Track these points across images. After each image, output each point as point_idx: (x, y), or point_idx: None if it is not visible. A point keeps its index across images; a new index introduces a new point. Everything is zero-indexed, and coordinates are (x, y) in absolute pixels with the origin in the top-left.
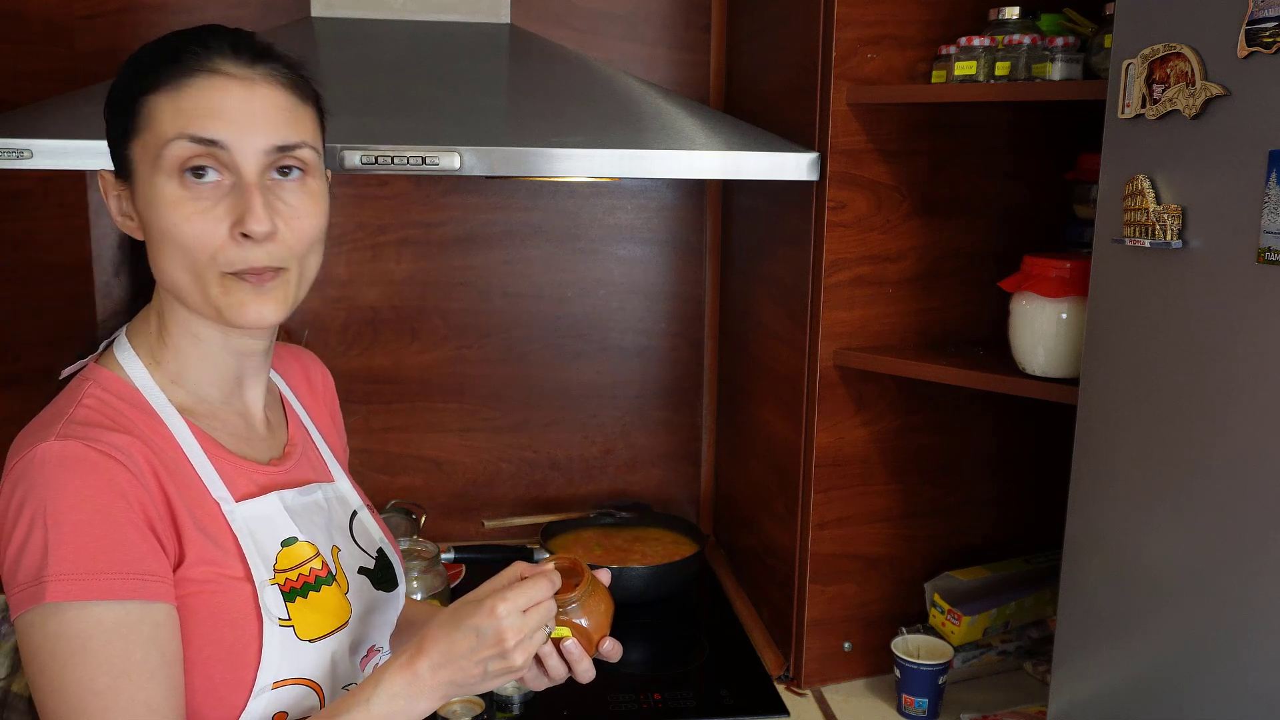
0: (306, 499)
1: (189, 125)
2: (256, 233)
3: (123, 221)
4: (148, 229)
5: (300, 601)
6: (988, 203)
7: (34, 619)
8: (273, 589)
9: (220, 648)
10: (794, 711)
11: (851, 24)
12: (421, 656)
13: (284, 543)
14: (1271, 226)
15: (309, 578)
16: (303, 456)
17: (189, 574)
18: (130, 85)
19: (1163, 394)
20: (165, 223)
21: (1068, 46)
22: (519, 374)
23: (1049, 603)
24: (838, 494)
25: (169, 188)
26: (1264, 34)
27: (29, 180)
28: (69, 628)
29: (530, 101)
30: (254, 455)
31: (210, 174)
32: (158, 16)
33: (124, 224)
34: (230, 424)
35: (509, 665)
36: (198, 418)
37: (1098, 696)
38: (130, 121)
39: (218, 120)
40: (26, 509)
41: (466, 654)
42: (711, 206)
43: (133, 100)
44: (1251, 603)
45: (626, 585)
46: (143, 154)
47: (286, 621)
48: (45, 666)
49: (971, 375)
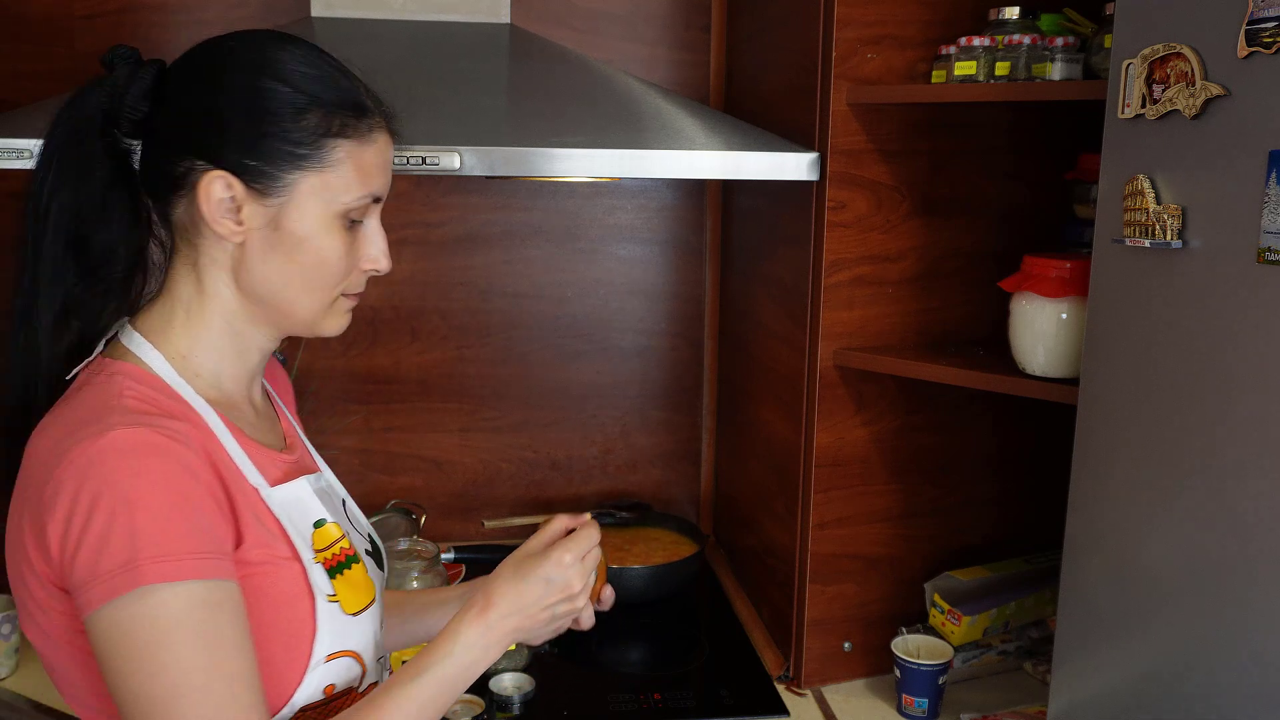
0: (319, 485)
1: (371, 184)
2: (385, 270)
3: (227, 226)
4: (280, 247)
5: (339, 578)
6: (988, 203)
7: (126, 605)
8: (318, 567)
9: (277, 626)
10: (794, 711)
11: (851, 24)
12: (491, 608)
13: (315, 524)
14: (1271, 226)
15: (340, 557)
16: (300, 446)
17: (246, 556)
18: (319, 122)
19: (1163, 394)
20: (320, 255)
21: (1068, 46)
22: (519, 374)
23: (1049, 603)
24: (838, 494)
25: (335, 227)
26: (1264, 34)
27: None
28: (165, 609)
29: (530, 101)
30: (270, 444)
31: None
32: (158, 16)
33: (228, 228)
34: (247, 415)
35: (574, 608)
36: (221, 408)
37: (1098, 696)
38: (309, 154)
39: (385, 177)
40: (104, 499)
41: (536, 602)
42: (711, 206)
43: (319, 138)
44: (1251, 602)
45: (626, 585)
46: (312, 189)
47: (334, 597)
48: (140, 651)
49: (971, 375)
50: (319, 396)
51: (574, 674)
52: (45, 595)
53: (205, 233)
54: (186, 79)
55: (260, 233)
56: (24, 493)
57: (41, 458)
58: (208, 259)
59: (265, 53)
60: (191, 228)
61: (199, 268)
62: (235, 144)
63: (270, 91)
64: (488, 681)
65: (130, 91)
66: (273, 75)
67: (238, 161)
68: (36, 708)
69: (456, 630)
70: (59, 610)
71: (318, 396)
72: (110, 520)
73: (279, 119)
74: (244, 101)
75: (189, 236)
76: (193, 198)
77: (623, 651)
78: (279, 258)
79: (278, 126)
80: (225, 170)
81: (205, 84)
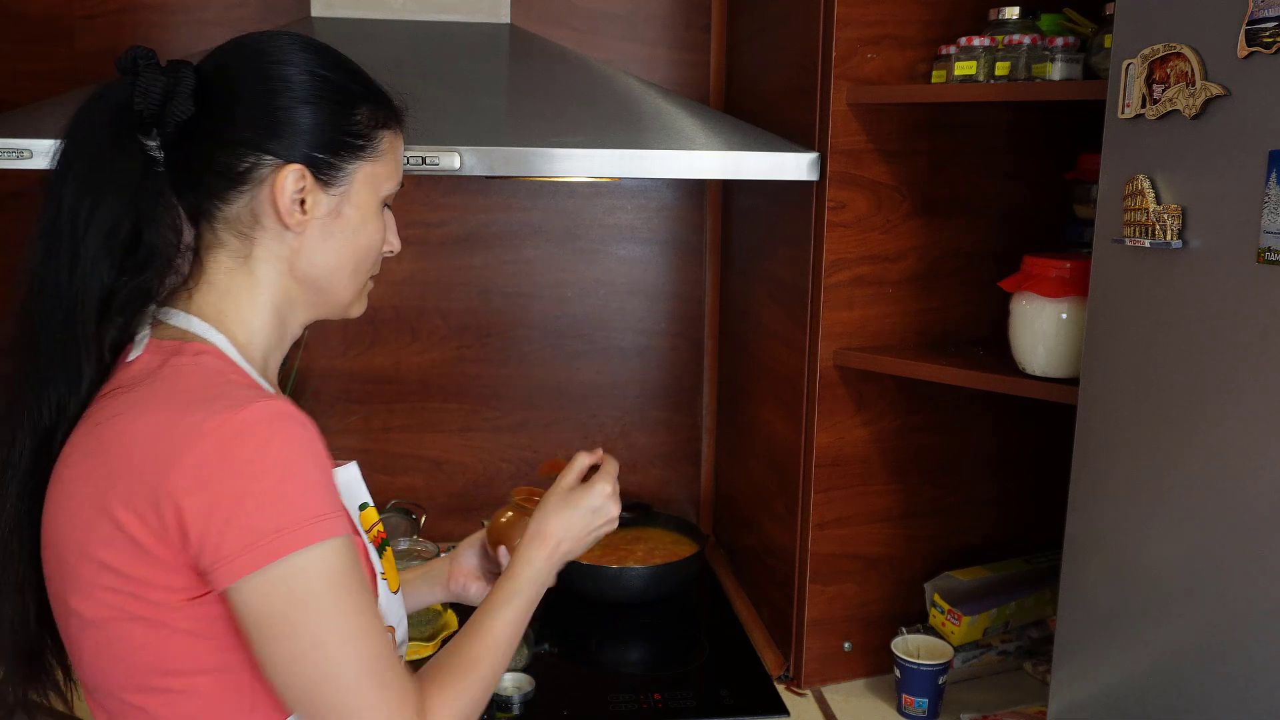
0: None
1: (402, 172)
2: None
3: (296, 216)
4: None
5: (382, 558)
6: (988, 203)
7: (301, 561)
8: (370, 545)
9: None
10: (794, 711)
11: (851, 24)
12: (550, 538)
13: (360, 506)
14: (1271, 226)
15: (379, 539)
16: None
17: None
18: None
19: (1163, 394)
20: (369, 239)
21: (1068, 46)
22: (519, 374)
23: (1049, 603)
24: (838, 494)
25: (378, 213)
26: (1264, 34)
27: (29, 180)
28: (326, 564)
29: (530, 101)
30: None
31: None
32: (158, 16)
33: (296, 219)
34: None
35: (612, 528)
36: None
37: (1098, 696)
38: (365, 145)
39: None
40: (258, 466)
41: (584, 528)
42: (711, 206)
43: (372, 129)
44: (1251, 602)
45: (626, 585)
46: (366, 178)
47: (383, 575)
48: (318, 603)
49: (971, 375)
50: (319, 396)
51: (574, 674)
52: (143, 571)
53: (267, 224)
54: (239, 79)
55: (320, 221)
56: (120, 471)
57: (150, 437)
58: (263, 249)
59: (312, 50)
60: (249, 220)
61: (252, 259)
62: (306, 138)
63: (331, 85)
64: None
65: (177, 93)
66: (329, 69)
67: (308, 155)
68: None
69: (529, 559)
70: (159, 585)
71: (318, 396)
72: (267, 486)
73: (341, 112)
74: (309, 97)
75: (242, 229)
76: (257, 192)
77: (623, 651)
78: (334, 244)
79: (341, 120)
80: (298, 164)
81: (264, 82)
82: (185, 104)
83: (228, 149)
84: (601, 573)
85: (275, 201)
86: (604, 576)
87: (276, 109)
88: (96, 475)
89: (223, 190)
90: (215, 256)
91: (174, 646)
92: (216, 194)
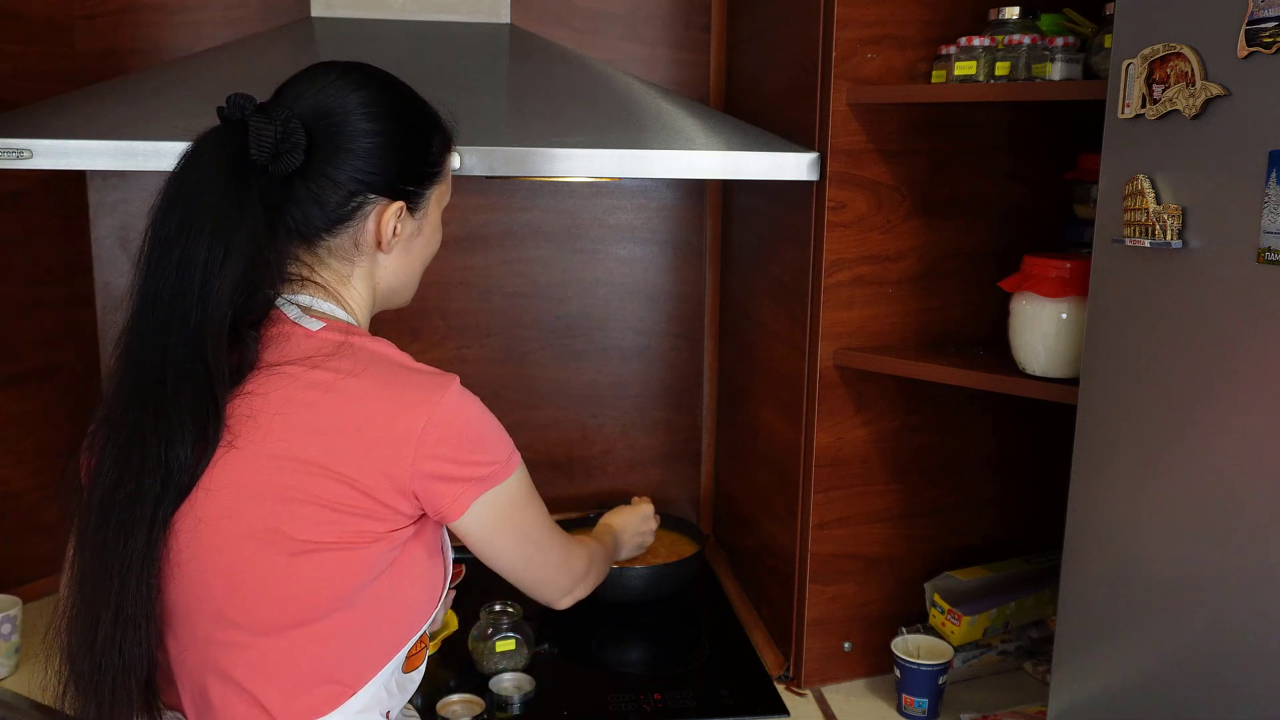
0: None
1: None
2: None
3: (390, 240)
4: (415, 247)
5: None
6: (988, 203)
7: (513, 482)
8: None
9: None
10: (794, 711)
11: (851, 24)
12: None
13: None
14: (1271, 226)
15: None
16: None
17: None
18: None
19: (1162, 394)
20: (435, 246)
21: (1068, 46)
22: (519, 374)
23: (1049, 603)
24: (838, 494)
25: (439, 223)
26: (1264, 34)
27: (29, 180)
28: (528, 479)
29: (530, 101)
30: None
31: None
32: (158, 16)
33: (391, 243)
34: None
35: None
36: None
37: (1098, 696)
38: (437, 171)
39: None
40: (475, 419)
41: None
42: (711, 206)
43: (440, 154)
44: (1251, 601)
45: (626, 585)
46: (437, 198)
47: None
48: (527, 509)
49: (971, 375)
50: None
51: (574, 674)
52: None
53: (365, 250)
54: (341, 128)
55: (405, 241)
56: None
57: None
58: (360, 270)
59: (394, 90)
60: (351, 249)
61: (351, 279)
62: (402, 177)
63: (416, 125)
64: (487, 682)
65: (292, 145)
66: (413, 108)
67: (403, 189)
68: (36, 707)
69: (616, 530)
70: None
71: None
72: (485, 428)
73: (422, 148)
74: (402, 141)
75: (345, 255)
76: (360, 225)
77: (623, 651)
78: (412, 256)
79: (423, 154)
80: (398, 199)
81: (364, 128)
82: (298, 156)
83: (336, 191)
84: None
85: (378, 233)
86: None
87: (376, 152)
88: (329, 423)
89: (329, 225)
90: (318, 273)
91: (366, 570)
92: (324, 229)
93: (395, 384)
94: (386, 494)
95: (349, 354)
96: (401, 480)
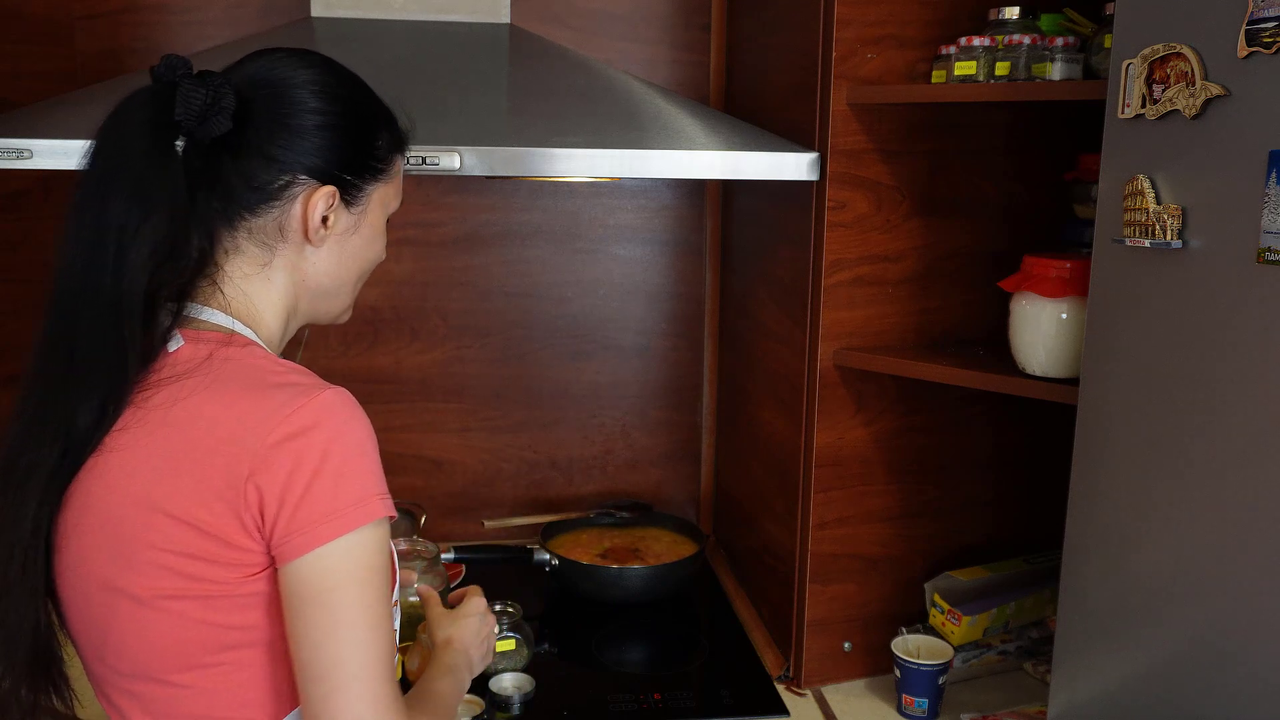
0: None
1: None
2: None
3: (319, 231)
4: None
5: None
6: (988, 203)
7: (360, 537)
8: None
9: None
10: (794, 711)
11: (851, 24)
12: (455, 642)
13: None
14: (1271, 226)
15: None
16: None
17: None
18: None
19: (1162, 394)
20: (375, 253)
21: (1068, 46)
22: (519, 374)
23: (1049, 603)
24: (838, 494)
25: (383, 229)
26: (1264, 34)
27: (29, 180)
28: (382, 541)
29: (530, 101)
30: None
31: None
32: (158, 16)
33: (319, 234)
34: None
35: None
36: None
37: (1098, 696)
38: (383, 169)
39: None
40: (337, 445)
41: (475, 634)
42: (711, 206)
43: (389, 153)
44: (1251, 601)
45: (626, 585)
46: (380, 198)
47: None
48: (369, 579)
49: (971, 375)
50: None
51: (574, 674)
52: (213, 547)
53: (290, 237)
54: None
55: (338, 237)
56: (196, 450)
57: (229, 418)
58: (282, 259)
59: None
60: (275, 233)
61: (270, 267)
62: (340, 162)
63: (360, 111)
64: (488, 681)
65: (219, 109)
66: (358, 96)
67: (339, 177)
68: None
69: (447, 663)
70: (226, 561)
71: None
72: (344, 463)
73: (367, 138)
74: (342, 123)
75: (265, 239)
76: (287, 208)
77: (623, 651)
78: (345, 257)
79: (367, 144)
80: (329, 185)
81: (301, 106)
82: (225, 120)
83: (265, 166)
84: (601, 573)
85: (304, 218)
86: (604, 576)
87: (315, 132)
88: (164, 456)
89: (254, 204)
90: (233, 261)
91: (234, 620)
92: (246, 206)
93: (247, 396)
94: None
95: (205, 370)
96: (239, 505)
